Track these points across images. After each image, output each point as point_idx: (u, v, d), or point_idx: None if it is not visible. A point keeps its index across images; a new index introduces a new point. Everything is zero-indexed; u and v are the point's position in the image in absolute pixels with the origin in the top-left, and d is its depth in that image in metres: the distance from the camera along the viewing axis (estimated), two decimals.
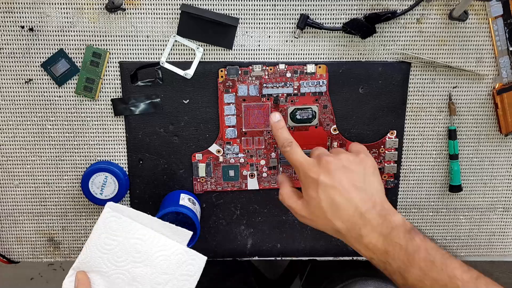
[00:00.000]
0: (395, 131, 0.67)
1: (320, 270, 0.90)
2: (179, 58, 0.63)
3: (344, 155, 0.56)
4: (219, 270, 0.92)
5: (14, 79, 0.63)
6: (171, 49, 0.63)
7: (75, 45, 0.62)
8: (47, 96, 0.64)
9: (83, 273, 0.55)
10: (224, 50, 0.63)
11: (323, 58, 0.64)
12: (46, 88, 0.64)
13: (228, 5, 0.61)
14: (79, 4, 0.61)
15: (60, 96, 0.64)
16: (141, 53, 0.63)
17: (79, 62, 0.63)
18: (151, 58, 0.63)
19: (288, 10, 0.62)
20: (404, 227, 0.51)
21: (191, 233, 0.59)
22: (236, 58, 0.64)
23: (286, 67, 0.64)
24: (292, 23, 0.63)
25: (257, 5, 0.62)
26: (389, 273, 0.51)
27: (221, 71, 0.63)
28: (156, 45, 0.63)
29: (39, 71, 0.63)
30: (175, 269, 0.56)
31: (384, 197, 0.54)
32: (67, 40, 0.62)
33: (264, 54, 0.64)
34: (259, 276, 1.19)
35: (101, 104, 0.65)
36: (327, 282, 0.85)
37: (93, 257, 0.55)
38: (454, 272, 0.48)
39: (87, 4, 0.61)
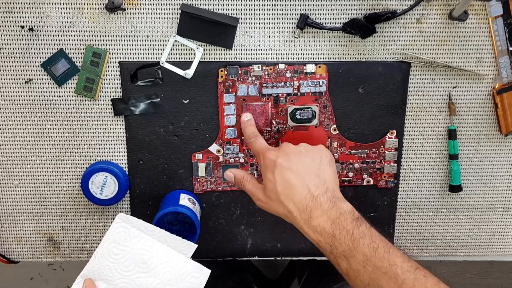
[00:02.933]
0: (395, 131, 0.67)
1: (318, 270, 0.91)
2: (179, 58, 0.63)
3: (303, 143, 0.59)
4: (216, 270, 0.92)
5: (14, 79, 0.63)
6: (171, 49, 0.63)
7: (75, 45, 0.62)
8: (47, 96, 0.64)
9: (90, 281, 0.56)
10: (224, 50, 0.63)
11: (323, 58, 0.64)
12: (46, 88, 0.64)
13: (228, 5, 0.61)
14: (79, 4, 0.61)
15: (60, 96, 0.64)
16: (141, 53, 0.63)
17: (79, 62, 0.63)
18: (151, 58, 0.63)
19: (288, 10, 0.62)
20: (352, 214, 0.54)
21: (196, 246, 0.60)
22: (236, 58, 0.64)
23: (286, 67, 0.64)
24: (292, 23, 0.63)
25: (257, 5, 0.62)
26: (334, 256, 0.53)
27: (221, 71, 0.63)
28: (156, 45, 0.63)
29: (39, 71, 0.63)
30: (179, 280, 0.57)
31: (337, 187, 0.57)
32: (67, 40, 0.62)
33: (264, 54, 0.64)
34: (259, 276, 1.19)
35: (101, 104, 0.65)
36: (324, 282, 0.86)
37: (101, 266, 0.56)
38: (395, 260, 0.50)
39: (87, 4, 0.61)
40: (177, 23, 0.62)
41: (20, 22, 0.61)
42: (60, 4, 0.61)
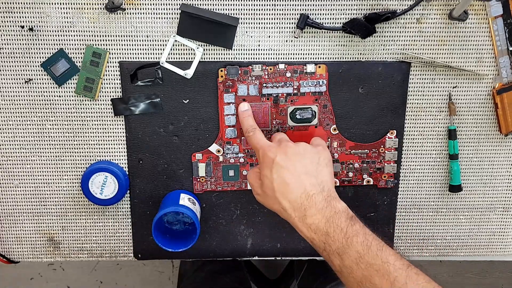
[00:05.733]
0: (395, 131, 0.67)
1: (315, 268, 0.91)
2: (179, 58, 0.63)
3: (303, 144, 0.60)
4: (214, 268, 0.92)
5: (14, 79, 0.63)
6: (171, 49, 0.63)
7: (75, 45, 0.62)
8: (47, 96, 0.64)
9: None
10: (224, 50, 0.63)
11: (323, 58, 0.64)
12: (46, 88, 0.64)
13: (228, 5, 0.61)
14: (79, 4, 0.61)
15: (60, 96, 0.64)
16: (141, 53, 0.63)
17: (79, 62, 0.63)
18: (151, 58, 0.63)
19: (288, 10, 0.62)
20: (346, 213, 0.55)
21: None
22: (236, 58, 0.64)
23: (286, 67, 0.64)
24: (292, 23, 0.63)
25: (257, 5, 0.62)
26: (327, 253, 0.54)
27: (221, 71, 0.63)
28: (156, 45, 0.63)
29: (39, 71, 0.63)
30: None
31: (333, 187, 0.58)
32: (67, 40, 0.62)
33: (264, 54, 0.64)
34: (258, 275, 1.19)
35: (101, 104, 0.65)
36: (321, 281, 0.86)
37: None
38: (387, 258, 0.51)
39: (87, 4, 0.61)
40: (177, 23, 0.62)
41: (20, 22, 0.61)
42: (60, 4, 0.61)
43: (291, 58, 0.64)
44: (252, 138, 0.61)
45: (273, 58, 0.64)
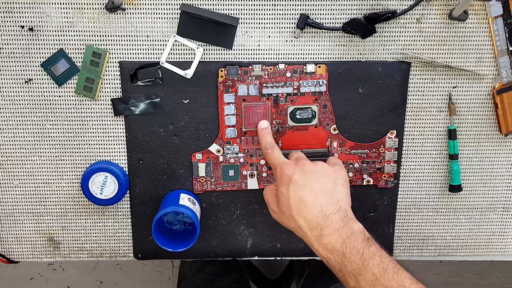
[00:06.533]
0: (395, 131, 0.67)
1: (316, 270, 0.91)
2: (179, 58, 0.63)
3: (321, 163, 0.60)
4: (214, 269, 0.92)
5: (14, 79, 0.63)
6: (171, 49, 0.63)
7: (75, 45, 0.62)
8: (47, 96, 0.64)
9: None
10: (224, 50, 0.63)
11: (323, 58, 0.64)
12: (46, 88, 0.64)
13: (228, 5, 0.61)
14: (79, 4, 0.61)
15: (60, 96, 0.64)
16: (141, 53, 0.63)
17: (79, 62, 0.63)
18: (151, 58, 0.63)
19: (288, 10, 0.62)
20: (363, 234, 0.55)
21: None
22: (236, 58, 0.64)
23: (286, 66, 0.64)
24: (292, 23, 0.63)
25: (257, 5, 0.62)
26: (343, 274, 0.54)
27: (221, 71, 0.63)
28: (156, 45, 0.63)
29: (39, 71, 0.63)
30: None
31: (349, 208, 0.58)
32: (67, 40, 0.62)
33: (264, 54, 0.64)
34: (258, 275, 1.19)
35: (101, 104, 0.65)
36: (322, 282, 0.86)
37: None
38: (404, 281, 0.51)
39: (87, 4, 0.61)
40: (177, 23, 0.62)
41: (20, 22, 0.61)
42: (60, 4, 0.61)
43: (291, 58, 0.64)
44: (270, 155, 0.61)
45: (273, 58, 0.64)
